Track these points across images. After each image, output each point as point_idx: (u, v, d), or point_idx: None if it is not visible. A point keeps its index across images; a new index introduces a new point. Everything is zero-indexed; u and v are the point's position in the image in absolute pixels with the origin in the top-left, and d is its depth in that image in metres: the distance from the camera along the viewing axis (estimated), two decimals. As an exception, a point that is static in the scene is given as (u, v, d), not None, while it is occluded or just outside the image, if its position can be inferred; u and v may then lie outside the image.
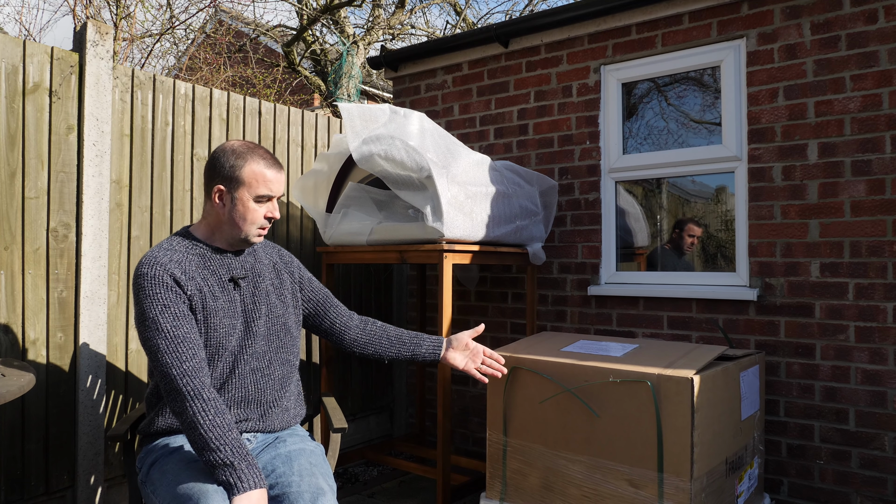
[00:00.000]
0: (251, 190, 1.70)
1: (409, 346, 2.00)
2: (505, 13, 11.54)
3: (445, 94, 3.91)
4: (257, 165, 1.70)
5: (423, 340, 2.00)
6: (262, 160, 1.71)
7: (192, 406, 1.51)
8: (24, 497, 2.31)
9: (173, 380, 1.54)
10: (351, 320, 2.03)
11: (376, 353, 2.01)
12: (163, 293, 1.61)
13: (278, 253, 1.96)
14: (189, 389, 1.53)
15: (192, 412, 1.51)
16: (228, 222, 1.73)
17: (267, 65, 9.72)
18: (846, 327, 2.68)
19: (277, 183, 1.73)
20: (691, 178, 3.16)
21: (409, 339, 2.01)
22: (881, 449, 2.60)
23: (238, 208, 1.70)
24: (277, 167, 1.74)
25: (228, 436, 1.50)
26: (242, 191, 1.70)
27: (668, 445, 2.10)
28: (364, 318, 2.05)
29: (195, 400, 1.52)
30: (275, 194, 1.74)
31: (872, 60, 2.64)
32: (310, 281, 1.99)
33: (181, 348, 1.57)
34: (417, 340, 2.00)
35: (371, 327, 2.03)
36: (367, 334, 2.01)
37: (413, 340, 2.00)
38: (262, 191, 1.70)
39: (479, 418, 3.68)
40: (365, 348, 2.01)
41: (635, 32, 3.23)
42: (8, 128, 2.27)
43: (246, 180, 1.69)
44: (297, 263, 2.00)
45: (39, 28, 12.11)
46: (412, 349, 1.99)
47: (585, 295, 3.35)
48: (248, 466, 1.47)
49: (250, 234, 1.74)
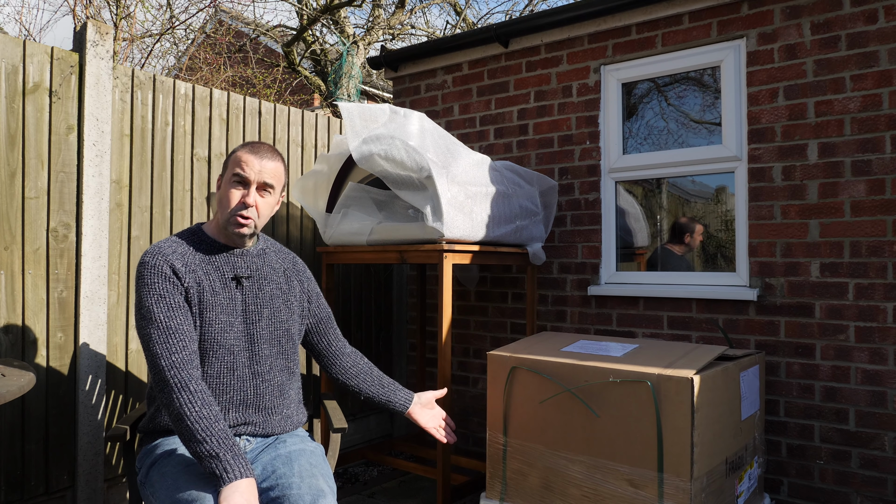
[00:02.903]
0: (228, 171, 1.75)
1: (386, 392, 2.04)
2: (505, 13, 11.55)
3: (445, 94, 3.91)
4: (241, 150, 1.75)
5: (399, 391, 2.05)
6: (248, 147, 1.75)
7: (178, 397, 1.52)
8: (24, 497, 2.31)
9: (162, 370, 1.56)
10: (345, 348, 2.05)
11: (357, 388, 2.03)
12: (160, 283, 1.64)
13: (292, 261, 1.96)
14: (176, 381, 1.54)
15: (179, 403, 1.52)
16: (217, 209, 1.78)
17: (267, 65, 9.72)
18: (846, 327, 2.68)
19: (253, 165, 1.71)
20: (691, 178, 3.16)
21: (388, 384, 2.05)
22: (881, 449, 2.60)
23: (220, 192, 1.76)
24: (260, 153, 1.74)
25: (214, 427, 1.50)
26: (227, 174, 1.76)
27: (668, 445, 2.10)
28: (355, 351, 2.08)
29: (182, 391, 1.53)
30: (248, 177, 1.71)
31: (872, 60, 2.64)
32: (318, 296, 2.00)
33: (172, 339, 1.59)
34: (394, 388, 2.05)
35: (360, 362, 2.05)
36: (355, 367, 2.04)
37: (391, 387, 2.05)
38: (236, 170, 1.72)
39: (479, 418, 3.68)
40: (349, 379, 2.03)
41: (635, 32, 3.23)
42: (8, 128, 2.27)
43: (228, 164, 1.76)
44: (310, 275, 2.00)
45: (39, 28, 12.11)
46: (388, 395, 2.04)
47: (585, 295, 3.35)
48: (234, 457, 1.47)
49: (227, 220, 1.73)
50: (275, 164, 1.76)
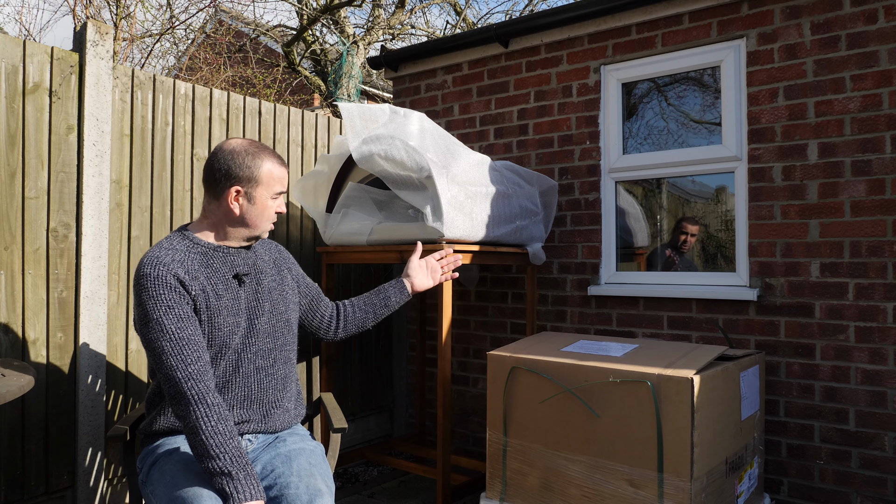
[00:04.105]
0: (269, 189, 1.77)
1: (381, 304, 2.13)
2: (505, 13, 11.55)
3: (445, 94, 3.91)
4: (272, 165, 1.78)
5: (388, 291, 2.14)
6: (275, 158, 1.80)
7: (195, 411, 1.51)
8: (24, 497, 2.31)
9: (178, 383, 1.54)
10: (333, 310, 2.11)
11: (358, 328, 2.12)
12: (167, 294, 1.60)
13: (277, 249, 1.98)
14: (194, 393, 1.53)
15: (195, 417, 1.51)
16: (241, 221, 1.76)
17: (267, 65, 9.72)
18: (846, 327, 2.68)
19: (286, 179, 1.84)
20: (691, 178, 3.16)
21: (378, 298, 2.13)
22: (881, 449, 2.60)
23: (256, 206, 1.76)
24: (285, 164, 1.88)
25: (229, 444, 1.50)
26: (260, 190, 1.76)
27: (668, 445, 2.10)
28: (336, 304, 2.13)
29: (199, 405, 1.52)
30: (286, 190, 1.85)
31: (872, 60, 2.64)
32: (303, 277, 2.05)
33: (186, 350, 1.57)
34: (384, 294, 2.14)
35: (346, 310, 2.12)
36: (344, 318, 2.11)
37: (380, 296, 2.13)
38: (278, 188, 1.79)
39: (479, 418, 3.68)
40: (349, 329, 2.12)
41: (635, 32, 3.23)
42: (8, 128, 2.27)
43: (264, 180, 1.76)
44: (293, 259, 2.05)
45: (39, 28, 12.11)
46: (384, 302, 2.13)
47: (585, 295, 3.35)
48: (245, 477, 1.47)
49: (265, 229, 1.82)
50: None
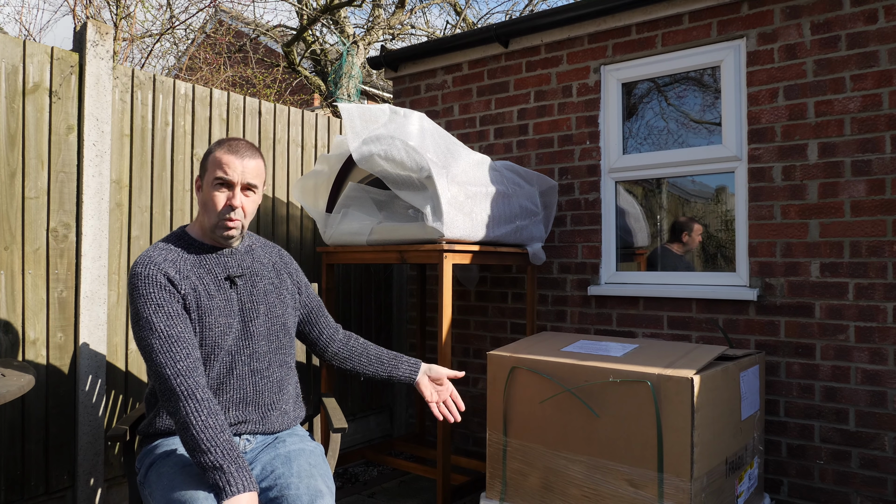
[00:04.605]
0: (209, 174, 1.71)
1: (386, 368, 2.01)
2: (505, 13, 11.55)
3: (445, 94, 3.91)
4: (219, 151, 1.71)
5: (402, 363, 2.01)
6: (225, 146, 1.72)
7: (185, 406, 1.51)
8: (24, 497, 2.31)
9: (167, 379, 1.54)
10: (336, 333, 2.04)
11: (354, 370, 2.03)
12: (156, 292, 1.61)
13: (279, 254, 1.96)
14: (183, 389, 1.53)
15: (185, 412, 1.50)
16: (201, 212, 1.76)
17: (267, 65, 9.72)
18: (846, 327, 2.68)
19: (234, 167, 1.69)
20: (691, 178, 3.16)
21: (388, 359, 2.02)
22: (881, 449, 2.60)
23: (203, 195, 1.73)
24: (240, 153, 1.71)
25: (219, 437, 1.49)
26: (207, 177, 1.72)
27: (668, 445, 2.10)
28: (348, 334, 2.07)
29: (188, 400, 1.52)
30: (230, 178, 1.69)
31: (872, 60, 2.64)
32: (307, 286, 2.00)
33: (175, 348, 1.57)
34: (396, 362, 2.01)
35: (353, 343, 2.04)
36: (348, 349, 2.03)
37: (392, 362, 2.01)
38: (218, 173, 1.69)
39: (479, 418, 3.68)
40: (343, 363, 2.03)
41: (635, 32, 3.23)
42: (8, 128, 2.27)
43: (208, 166, 1.72)
44: (297, 266, 2.01)
45: (39, 28, 12.11)
46: (389, 370, 2.01)
47: (585, 295, 3.35)
48: (237, 469, 1.46)
49: (215, 223, 1.72)
50: (256, 163, 1.74)
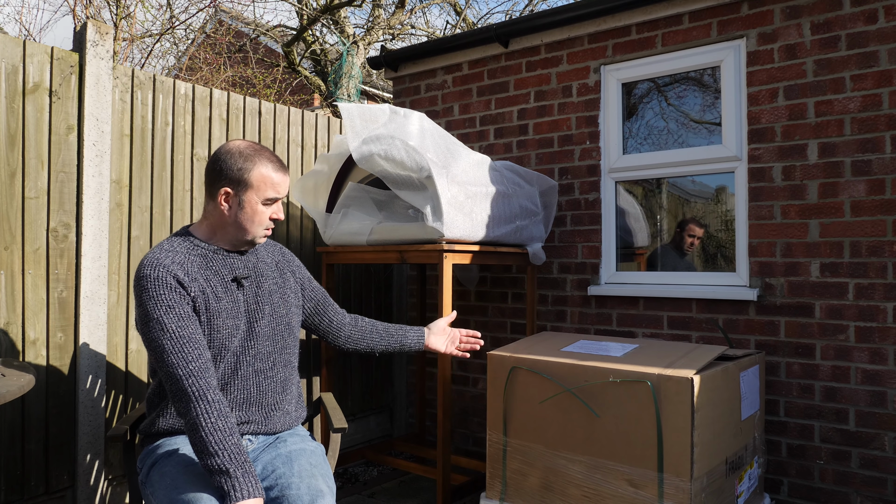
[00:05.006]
0: (259, 193, 1.71)
1: (396, 338, 2.13)
2: (505, 13, 11.55)
3: (445, 94, 3.91)
4: (265, 169, 1.71)
5: (408, 331, 2.14)
6: (269, 163, 1.73)
7: (195, 407, 1.51)
8: (24, 497, 2.31)
9: (179, 380, 1.54)
10: (344, 318, 2.10)
11: (368, 347, 2.11)
12: (166, 294, 1.61)
13: (280, 252, 1.97)
14: (195, 390, 1.52)
15: (196, 413, 1.50)
16: (234, 224, 1.73)
17: (267, 65, 9.71)
18: (846, 327, 2.68)
19: (284, 185, 1.76)
20: (691, 178, 3.16)
21: (396, 331, 2.14)
22: (881, 449, 2.60)
23: (246, 210, 1.71)
24: (284, 170, 1.77)
25: (228, 441, 1.49)
26: (250, 193, 1.70)
27: (668, 445, 2.10)
28: (353, 316, 2.15)
29: (200, 401, 1.51)
30: (281, 196, 1.77)
31: (872, 60, 2.64)
32: (309, 280, 2.02)
33: (187, 348, 1.57)
34: (403, 332, 2.13)
35: (361, 323, 2.12)
36: (358, 330, 2.10)
37: (399, 332, 2.13)
38: (270, 194, 1.72)
39: (479, 418, 3.68)
40: (358, 344, 2.10)
41: (635, 32, 3.23)
42: (8, 128, 2.27)
43: (254, 183, 1.70)
44: (298, 262, 2.02)
45: (39, 28, 12.11)
46: (400, 340, 2.12)
47: (585, 295, 3.35)
48: (244, 475, 1.46)
49: (257, 235, 1.76)
50: (289, 176, 1.80)
